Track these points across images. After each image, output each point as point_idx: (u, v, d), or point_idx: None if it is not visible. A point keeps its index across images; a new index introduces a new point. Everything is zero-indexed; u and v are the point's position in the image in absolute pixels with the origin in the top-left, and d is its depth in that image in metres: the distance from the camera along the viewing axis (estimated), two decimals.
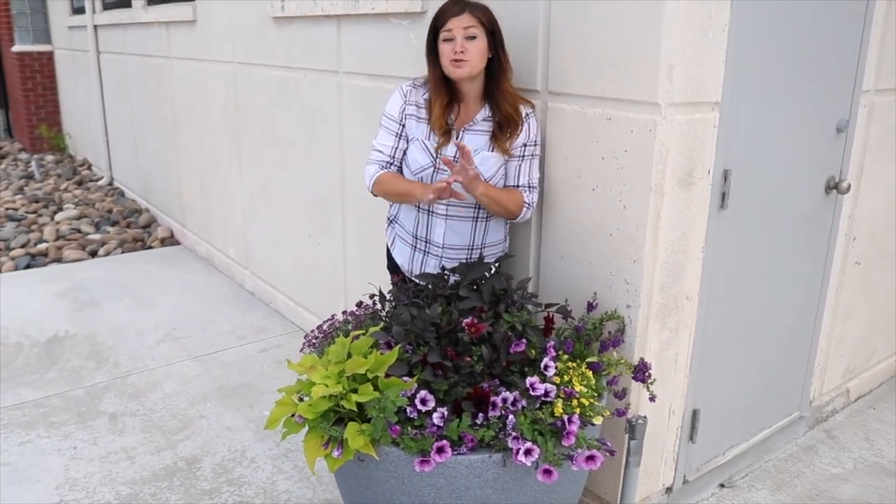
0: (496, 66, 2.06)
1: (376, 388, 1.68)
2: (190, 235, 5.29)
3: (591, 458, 1.58)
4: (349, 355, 1.76)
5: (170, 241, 5.58)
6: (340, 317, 2.16)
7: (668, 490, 2.38)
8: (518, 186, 2.17)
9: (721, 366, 2.38)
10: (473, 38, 1.99)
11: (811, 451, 2.78)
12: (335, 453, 1.60)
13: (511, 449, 1.59)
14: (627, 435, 2.06)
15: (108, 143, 6.92)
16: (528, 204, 2.17)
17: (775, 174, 2.30)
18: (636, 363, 1.95)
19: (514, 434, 1.61)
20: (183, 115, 4.95)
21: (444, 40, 2.01)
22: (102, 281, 4.63)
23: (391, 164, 2.22)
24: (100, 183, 7.12)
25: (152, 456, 2.71)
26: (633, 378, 1.94)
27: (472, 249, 2.23)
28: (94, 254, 5.25)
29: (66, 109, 8.40)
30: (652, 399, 1.95)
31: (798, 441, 2.86)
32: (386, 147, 2.21)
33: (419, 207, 2.24)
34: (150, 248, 5.48)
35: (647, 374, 1.93)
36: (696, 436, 2.36)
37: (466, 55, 1.99)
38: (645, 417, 1.99)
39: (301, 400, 1.73)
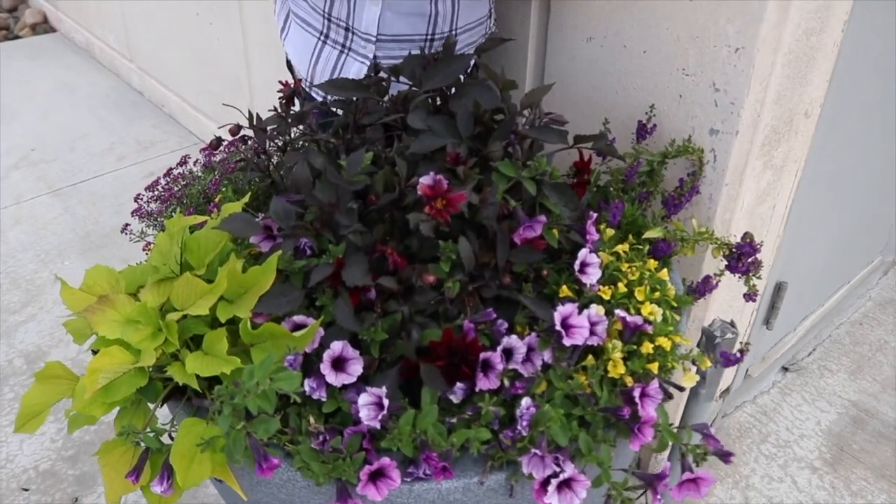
0: None
1: (235, 344, 0.80)
2: (65, 20, 4.05)
3: (692, 483, 0.76)
4: (184, 266, 0.85)
5: (42, 27, 4.32)
6: (201, 156, 1.21)
7: (725, 392, 1.64)
8: None
9: (817, 215, 1.55)
10: None
11: (891, 306, 2.06)
12: (157, 488, 0.75)
13: (524, 472, 0.76)
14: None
15: None
16: None
17: None
18: (737, 241, 1.08)
19: (531, 435, 0.77)
20: None
21: None
22: None
23: None
24: None
25: None
26: (727, 268, 1.08)
27: (430, 41, 1.23)
28: None
29: None
30: (751, 297, 1.12)
31: (872, 294, 2.13)
32: None
33: None
34: (18, 37, 4.25)
35: (753, 260, 1.07)
36: (775, 319, 1.58)
37: None
38: (733, 325, 1.17)
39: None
